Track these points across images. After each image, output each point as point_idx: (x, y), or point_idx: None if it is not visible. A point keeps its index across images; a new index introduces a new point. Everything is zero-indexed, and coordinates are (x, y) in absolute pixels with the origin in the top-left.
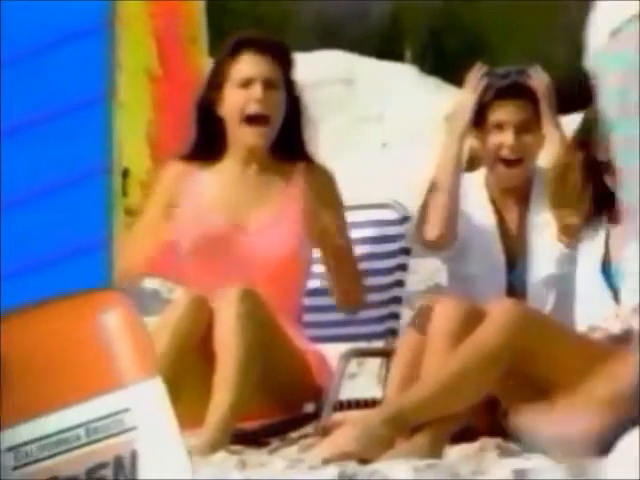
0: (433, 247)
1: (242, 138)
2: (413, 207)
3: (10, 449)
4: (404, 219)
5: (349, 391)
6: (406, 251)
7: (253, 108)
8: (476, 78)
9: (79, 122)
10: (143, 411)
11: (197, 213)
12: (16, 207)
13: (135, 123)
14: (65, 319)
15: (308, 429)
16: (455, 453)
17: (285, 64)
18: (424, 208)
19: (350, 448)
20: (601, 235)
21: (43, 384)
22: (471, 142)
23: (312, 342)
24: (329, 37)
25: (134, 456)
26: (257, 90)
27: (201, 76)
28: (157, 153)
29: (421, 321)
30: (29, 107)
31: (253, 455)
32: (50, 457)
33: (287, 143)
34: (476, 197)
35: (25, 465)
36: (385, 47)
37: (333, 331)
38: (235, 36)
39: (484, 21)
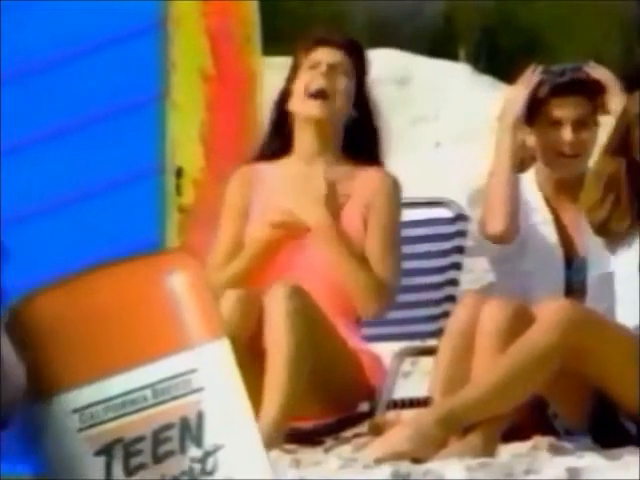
0: (498, 240)
1: (305, 112)
2: (467, 206)
3: (75, 411)
4: (458, 217)
5: (403, 390)
6: (460, 249)
7: (316, 83)
8: (530, 74)
9: (133, 122)
10: (210, 372)
11: (263, 213)
12: (72, 207)
13: (188, 122)
14: (133, 280)
15: (362, 428)
16: (507, 452)
17: (357, 62)
18: (486, 203)
19: (403, 448)
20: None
21: (110, 345)
22: (526, 139)
23: (366, 341)
24: (383, 36)
25: (200, 417)
26: (322, 68)
27: (255, 75)
28: (210, 152)
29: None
30: (84, 107)
31: (307, 454)
32: (116, 418)
33: (356, 145)
34: (529, 196)
35: (90, 427)
36: (439, 46)
37: (387, 330)
38: (311, 34)
39: (538, 19)
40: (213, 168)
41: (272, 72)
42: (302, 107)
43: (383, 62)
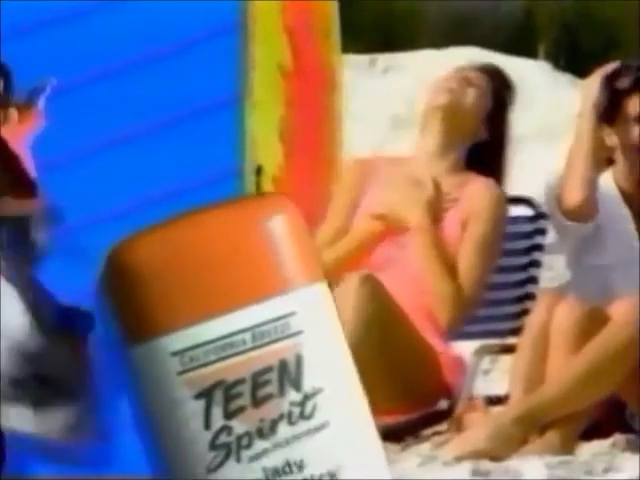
0: (576, 214)
1: (432, 101)
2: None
3: (175, 354)
4: (538, 215)
5: (482, 387)
6: (540, 247)
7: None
8: (609, 67)
9: (214, 122)
10: (309, 315)
11: (369, 205)
12: (155, 208)
13: (268, 120)
14: (232, 223)
15: (441, 426)
16: (587, 450)
17: (498, 87)
18: (564, 178)
19: (481, 446)
20: None
21: (209, 288)
22: (605, 139)
23: (447, 339)
24: (462, 34)
25: (299, 360)
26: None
27: (334, 72)
28: (289, 149)
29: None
30: (165, 108)
31: (386, 451)
32: (215, 362)
33: (478, 158)
34: (607, 193)
35: (190, 370)
36: (518, 43)
37: (467, 328)
38: None
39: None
40: (292, 165)
41: (351, 70)
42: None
43: (461, 60)
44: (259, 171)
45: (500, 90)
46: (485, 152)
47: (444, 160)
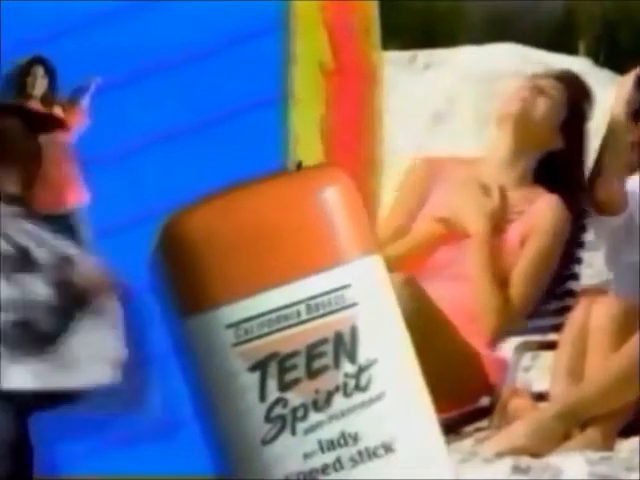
0: (606, 206)
1: (498, 109)
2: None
3: (230, 326)
4: (579, 212)
5: (523, 384)
6: (580, 244)
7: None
8: None
9: (257, 121)
10: (364, 287)
11: (434, 206)
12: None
13: (308, 118)
14: (287, 195)
15: (483, 423)
16: (627, 446)
17: (574, 95)
18: (594, 168)
19: (521, 443)
20: None
21: (264, 260)
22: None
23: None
24: (501, 30)
25: (354, 332)
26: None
27: (375, 70)
28: (330, 148)
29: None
30: (208, 106)
31: None
32: (270, 334)
33: (555, 167)
34: (635, 191)
35: (245, 342)
36: (558, 39)
37: None
38: None
39: None
40: (335, 163)
41: (391, 66)
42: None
43: (502, 56)
44: (299, 167)
45: (576, 99)
46: (560, 162)
47: (513, 170)
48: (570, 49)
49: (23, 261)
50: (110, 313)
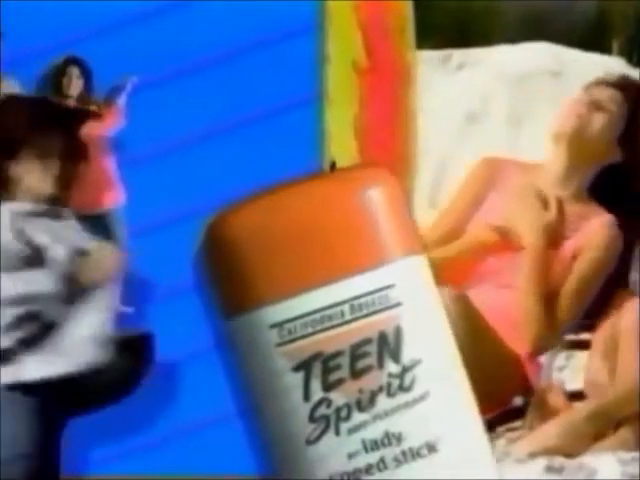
0: None
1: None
2: None
3: (273, 326)
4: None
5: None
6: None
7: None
8: None
9: (293, 121)
10: (408, 287)
11: (489, 210)
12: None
13: (342, 117)
14: (331, 194)
15: (515, 423)
16: None
17: (636, 104)
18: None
19: (554, 443)
20: None
21: (307, 260)
22: None
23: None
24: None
25: (398, 332)
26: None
27: (409, 69)
28: (364, 147)
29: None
30: (244, 106)
31: None
32: (314, 334)
33: (613, 180)
34: None
35: (289, 342)
36: (592, 39)
37: None
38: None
39: None
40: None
41: (425, 66)
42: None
43: (536, 55)
44: (333, 167)
45: (636, 110)
46: (617, 176)
47: (569, 185)
48: (604, 49)
49: (35, 258)
50: (103, 296)
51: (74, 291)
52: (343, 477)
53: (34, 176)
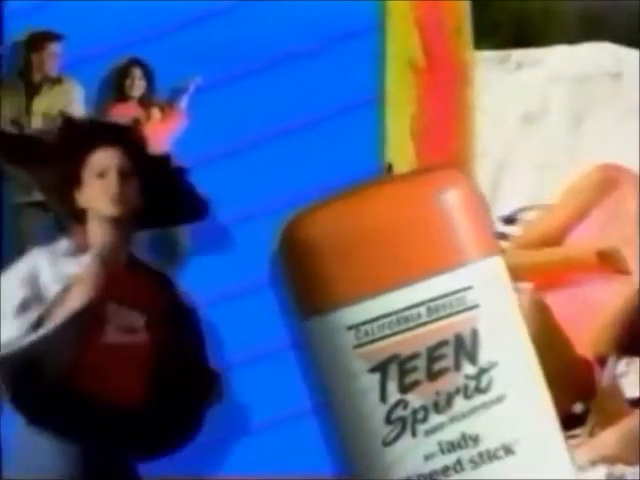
0: None
1: None
2: None
3: (351, 328)
4: None
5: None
6: None
7: None
8: None
9: (354, 121)
10: (485, 289)
11: (602, 225)
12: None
13: (400, 117)
14: (407, 196)
15: (576, 430)
16: None
17: None
18: None
19: (612, 451)
20: None
21: (384, 262)
22: None
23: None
24: (595, 29)
25: (475, 334)
26: None
27: (466, 69)
28: (421, 148)
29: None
30: (305, 106)
31: None
32: (391, 335)
33: None
34: None
35: (366, 344)
36: None
37: None
38: None
39: None
40: (423, 163)
41: (483, 66)
42: None
43: (595, 56)
44: (389, 169)
45: None
46: None
47: None
48: None
49: (35, 299)
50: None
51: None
52: (419, 479)
53: (99, 199)
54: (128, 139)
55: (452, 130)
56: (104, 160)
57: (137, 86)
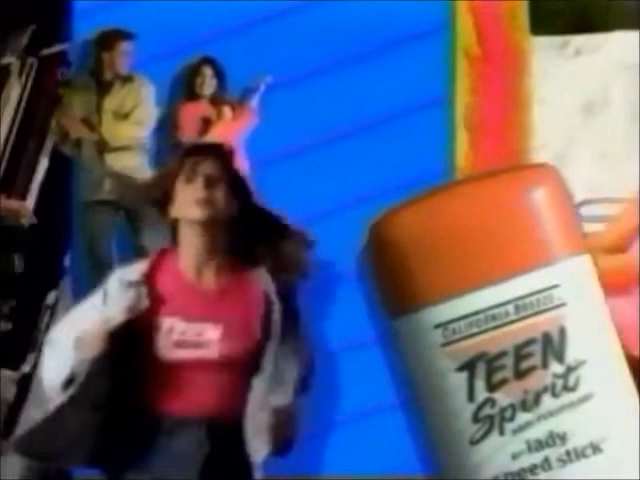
0: None
1: None
2: None
3: (438, 326)
4: None
5: None
6: None
7: None
8: None
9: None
10: (573, 287)
11: None
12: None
13: (453, 106)
14: (495, 194)
15: None
16: None
17: None
18: None
19: None
20: None
21: (472, 260)
22: None
23: None
24: None
25: (562, 333)
26: None
27: (523, 55)
28: (475, 137)
29: None
30: (374, 105)
31: None
32: (478, 334)
33: None
34: None
35: (453, 342)
36: None
37: None
38: None
39: None
40: (478, 154)
41: (541, 51)
42: None
43: None
44: None
45: None
46: None
47: None
48: None
49: None
50: None
51: None
52: (507, 477)
53: (187, 204)
54: (215, 149)
55: (508, 120)
56: (191, 166)
57: (208, 85)
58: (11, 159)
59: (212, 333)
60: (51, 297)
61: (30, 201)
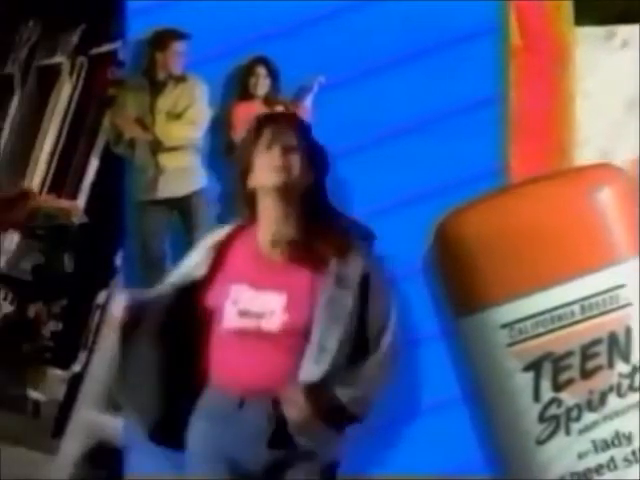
0: None
1: None
2: None
3: (504, 326)
4: None
5: None
6: None
7: None
8: None
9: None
10: (638, 287)
11: None
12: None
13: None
14: (560, 195)
15: None
16: None
17: None
18: None
19: None
20: None
21: (538, 260)
22: None
23: None
24: None
25: (628, 333)
26: None
27: (567, 47)
28: (517, 133)
29: None
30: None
31: None
32: (544, 334)
33: None
34: None
35: (519, 342)
36: None
37: None
38: None
39: None
40: (519, 149)
41: (585, 44)
42: None
43: None
44: None
45: None
46: None
47: None
48: None
49: None
50: None
51: None
52: (573, 477)
53: (264, 172)
54: (292, 119)
55: (551, 114)
56: (270, 135)
57: (262, 84)
58: (61, 159)
59: (276, 303)
60: (102, 297)
61: (81, 201)
